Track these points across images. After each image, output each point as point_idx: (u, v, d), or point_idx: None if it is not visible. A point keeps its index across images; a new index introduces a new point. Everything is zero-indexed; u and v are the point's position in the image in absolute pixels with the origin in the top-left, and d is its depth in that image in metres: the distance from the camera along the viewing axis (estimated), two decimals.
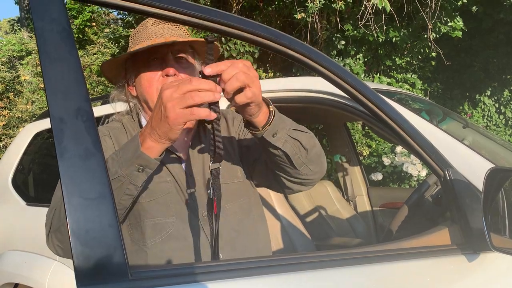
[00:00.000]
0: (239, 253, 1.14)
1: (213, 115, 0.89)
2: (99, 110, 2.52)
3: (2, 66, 8.70)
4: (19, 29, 11.88)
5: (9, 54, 9.05)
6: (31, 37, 9.70)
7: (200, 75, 0.91)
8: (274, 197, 2.39)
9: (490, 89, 7.98)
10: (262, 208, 1.29)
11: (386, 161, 4.62)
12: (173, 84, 0.89)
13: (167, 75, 1.16)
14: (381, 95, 1.12)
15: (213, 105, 0.90)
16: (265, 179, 1.22)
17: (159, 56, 1.19)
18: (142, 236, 1.11)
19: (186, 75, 1.18)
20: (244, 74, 0.89)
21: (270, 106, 1.01)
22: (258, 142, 1.07)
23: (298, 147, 1.06)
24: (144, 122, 1.23)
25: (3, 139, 7.70)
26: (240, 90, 0.91)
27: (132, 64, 1.23)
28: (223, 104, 2.10)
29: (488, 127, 7.95)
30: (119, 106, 1.30)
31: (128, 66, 1.25)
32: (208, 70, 0.89)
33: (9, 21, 18.29)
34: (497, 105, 8.12)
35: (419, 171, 3.93)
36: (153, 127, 0.92)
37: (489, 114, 8.09)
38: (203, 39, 1.21)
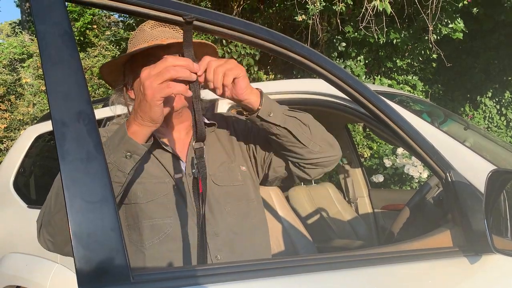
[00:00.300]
0: (237, 255, 1.15)
1: (189, 92, 0.92)
2: (100, 113, 2.52)
3: (4, 69, 8.70)
4: (20, 31, 11.90)
5: (10, 56, 9.04)
6: (32, 39, 9.71)
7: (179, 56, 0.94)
8: (275, 199, 2.39)
9: (491, 90, 7.97)
10: (263, 211, 1.30)
11: (387, 163, 4.61)
12: (150, 65, 0.93)
13: None
14: (382, 97, 1.12)
15: (192, 85, 0.93)
16: (286, 170, 1.25)
17: (156, 59, 1.19)
18: (140, 238, 1.11)
19: None
20: (220, 67, 0.98)
21: (258, 88, 1.10)
22: (260, 127, 1.13)
23: (298, 124, 1.14)
24: None
25: (5, 141, 7.69)
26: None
27: (130, 67, 1.24)
28: (225, 106, 2.10)
29: (489, 129, 7.94)
30: (119, 110, 1.31)
31: (126, 70, 1.25)
32: (200, 73, 0.95)
33: (10, 24, 18.33)
34: (498, 107, 8.11)
35: (420, 173, 3.93)
36: (136, 111, 0.95)
37: (490, 116, 8.08)
38: (199, 41, 1.22)
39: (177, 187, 1.14)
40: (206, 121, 1.26)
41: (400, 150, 4.44)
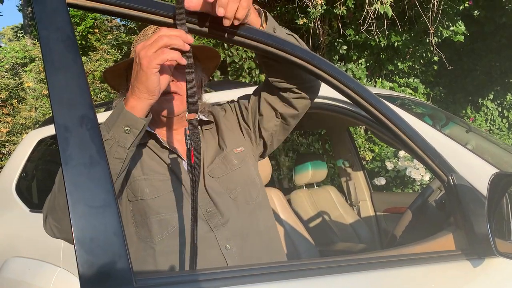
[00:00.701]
0: (244, 240, 1.16)
1: (184, 60, 0.92)
2: (102, 117, 2.53)
3: (6, 73, 8.73)
4: (22, 36, 11.92)
5: (12, 61, 9.08)
6: (34, 44, 9.73)
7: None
8: (277, 202, 2.39)
9: (492, 93, 7.97)
10: (263, 187, 1.31)
11: (389, 165, 4.61)
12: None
13: None
14: (384, 100, 1.12)
15: (186, 55, 0.93)
16: (276, 117, 1.25)
17: None
18: (149, 233, 1.12)
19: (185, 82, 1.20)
20: None
21: (255, 5, 1.06)
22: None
23: (298, 41, 1.14)
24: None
25: (7, 145, 7.71)
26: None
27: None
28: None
29: (491, 131, 7.93)
30: None
31: (129, 74, 1.26)
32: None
33: (12, 28, 18.39)
34: (500, 109, 8.11)
35: (422, 176, 3.92)
36: (132, 84, 0.96)
37: (492, 118, 8.07)
38: (202, 45, 1.23)
39: (181, 184, 1.16)
40: (204, 118, 1.27)
41: (402, 153, 4.44)
